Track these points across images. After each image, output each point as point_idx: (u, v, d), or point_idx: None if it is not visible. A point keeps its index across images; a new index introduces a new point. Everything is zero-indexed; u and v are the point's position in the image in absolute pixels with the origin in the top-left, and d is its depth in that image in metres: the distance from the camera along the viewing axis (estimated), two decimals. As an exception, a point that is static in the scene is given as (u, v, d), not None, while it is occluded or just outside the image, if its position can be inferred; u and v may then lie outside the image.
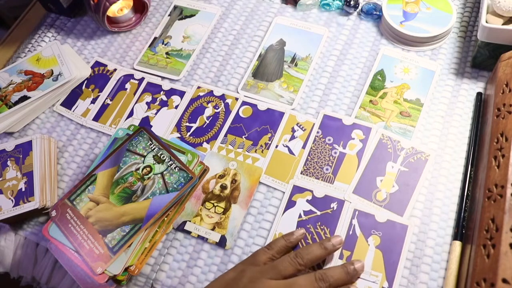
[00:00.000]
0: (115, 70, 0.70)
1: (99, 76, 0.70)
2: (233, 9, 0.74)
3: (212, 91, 0.66)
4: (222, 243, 0.55)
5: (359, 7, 0.70)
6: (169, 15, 0.75)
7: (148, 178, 0.54)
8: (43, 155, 0.60)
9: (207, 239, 0.55)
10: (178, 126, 0.64)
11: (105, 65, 0.71)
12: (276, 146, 0.60)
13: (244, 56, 0.69)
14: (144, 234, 0.52)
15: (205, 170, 0.58)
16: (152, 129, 0.64)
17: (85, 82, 0.69)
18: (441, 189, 0.56)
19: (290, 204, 0.56)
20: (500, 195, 0.46)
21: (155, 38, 0.72)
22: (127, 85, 0.68)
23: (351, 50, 0.67)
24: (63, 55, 0.69)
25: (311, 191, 0.56)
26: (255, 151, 0.60)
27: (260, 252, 0.47)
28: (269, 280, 0.44)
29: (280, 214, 0.56)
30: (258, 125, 0.62)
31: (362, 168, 0.57)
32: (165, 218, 0.54)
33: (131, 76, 0.69)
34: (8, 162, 0.60)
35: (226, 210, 0.56)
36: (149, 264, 0.55)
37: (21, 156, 0.60)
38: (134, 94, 0.67)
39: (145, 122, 0.65)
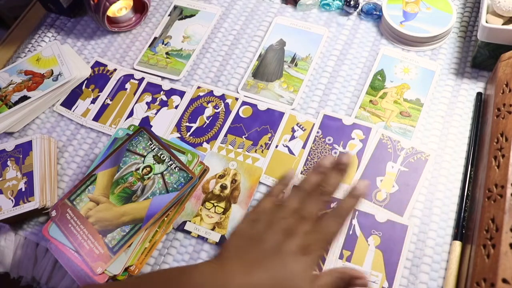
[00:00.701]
0: (115, 70, 0.70)
1: (99, 76, 0.70)
2: (233, 9, 0.74)
3: (212, 91, 0.66)
4: (222, 243, 0.55)
5: (359, 7, 0.70)
6: (169, 15, 0.75)
7: (148, 178, 0.54)
8: (43, 155, 0.60)
9: (207, 239, 0.55)
10: (178, 126, 0.64)
11: (105, 65, 0.71)
12: (276, 146, 0.60)
13: (244, 56, 0.69)
14: (144, 234, 0.52)
15: (205, 170, 0.58)
16: (152, 129, 0.64)
17: (85, 82, 0.69)
18: (441, 189, 0.56)
19: (290, 204, 0.56)
20: (500, 195, 0.46)
21: (155, 38, 0.72)
22: (127, 85, 0.68)
23: (351, 50, 0.67)
24: (63, 55, 0.69)
25: (311, 191, 0.56)
26: (255, 151, 0.60)
27: (263, 200, 0.45)
28: (287, 218, 0.42)
29: (280, 214, 0.56)
30: (258, 125, 0.62)
31: (362, 168, 0.57)
32: (165, 218, 0.54)
33: (131, 76, 0.69)
34: (8, 162, 0.60)
35: (226, 210, 0.56)
36: (149, 264, 0.55)
37: (21, 156, 0.60)
38: (134, 94, 0.67)
39: (145, 122, 0.65)
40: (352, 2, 0.69)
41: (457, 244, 0.51)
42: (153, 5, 0.76)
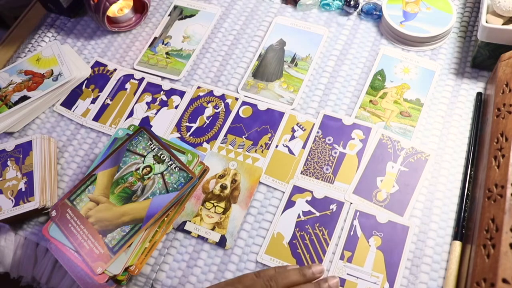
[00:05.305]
0: (115, 70, 0.70)
1: (99, 76, 0.70)
2: (233, 9, 0.74)
3: (212, 91, 0.66)
4: (222, 243, 0.55)
5: (359, 7, 0.70)
6: (169, 15, 0.75)
7: (148, 178, 0.54)
8: (43, 155, 0.60)
9: (207, 239, 0.55)
10: (178, 126, 0.64)
11: (105, 65, 0.71)
12: (276, 146, 0.60)
13: (244, 56, 0.69)
14: (144, 234, 0.52)
15: (205, 170, 0.58)
16: (152, 129, 0.64)
17: (85, 82, 0.69)
18: (441, 189, 0.56)
19: (290, 204, 0.56)
20: (500, 195, 0.46)
21: (155, 38, 0.72)
22: (127, 85, 0.68)
23: (351, 50, 0.67)
24: (63, 55, 0.69)
25: (311, 192, 0.56)
26: (255, 151, 0.60)
27: (248, 275, 0.49)
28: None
29: (279, 214, 0.56)
30: (258, 125, 0.62)
31: (362, 168, 0.57)
32: (165, 218, 0.54)
33: (131, 76, 0.69)
34: (8, 162, 0.60)
35: (226, 210, 0.56)
36: (149, 264, 0.55)
37: (21, 156, 0.60)
38: (134, 94, 0.67)
39: (145, 122, 0.65)
40: (352, 2, 0.69)
41: (457, 244, 0.51)
42: (153, 5, 0.76)
